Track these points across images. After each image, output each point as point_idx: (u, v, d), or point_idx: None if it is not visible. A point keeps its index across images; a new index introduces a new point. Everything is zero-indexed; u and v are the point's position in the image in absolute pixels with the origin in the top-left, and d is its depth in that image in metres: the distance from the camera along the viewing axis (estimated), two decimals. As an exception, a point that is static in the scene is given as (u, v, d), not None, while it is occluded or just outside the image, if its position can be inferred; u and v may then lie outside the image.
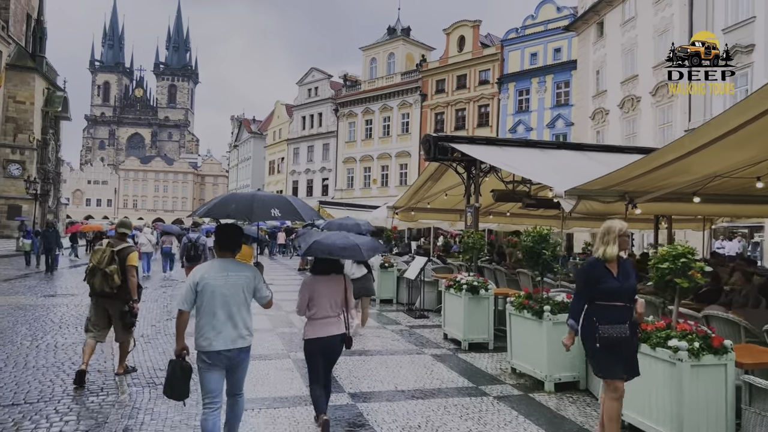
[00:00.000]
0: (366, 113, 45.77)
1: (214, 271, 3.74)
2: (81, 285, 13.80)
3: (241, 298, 3.78)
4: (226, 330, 3.70)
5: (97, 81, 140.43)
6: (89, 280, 5.72)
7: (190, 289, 3.67)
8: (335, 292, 4.59)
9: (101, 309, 5.80)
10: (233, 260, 3.88)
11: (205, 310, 3.70)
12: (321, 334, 4.52)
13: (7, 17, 40.77)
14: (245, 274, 3.83)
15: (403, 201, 13.58)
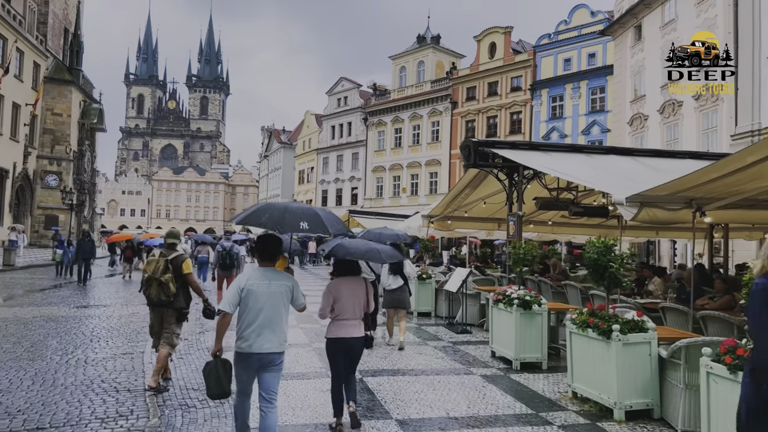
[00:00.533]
0: (395, 122, 45.46)
1: (258, 279, 3.99)
2: (113, 295, 13.65)
3: (280, 306, 4.02)
4: (264, 334, 3.92)
5: (132, 94, 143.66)
6: (145, 290, 5.88)
7: (236, 293, 3.92)
8: (358, 295, 4.87)
9: (159, 317, 5.98)
10: (274, 269, 4.11)
11: (247, 314, 3.94)
12: (342, 335, 4.78)
13: (45, 32, 41.77)
14: (285, 282, 4.08)
15: (438, 209, 13.09)
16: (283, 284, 4.05)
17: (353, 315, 4.83)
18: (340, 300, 4.81)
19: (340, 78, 51.88)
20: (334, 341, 4.82)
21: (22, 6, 37.35)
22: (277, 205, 4.63)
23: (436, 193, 41.67)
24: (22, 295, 13.40)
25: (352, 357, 4.87)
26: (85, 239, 17.22)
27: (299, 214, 4.38)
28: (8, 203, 37.51)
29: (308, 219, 4.37)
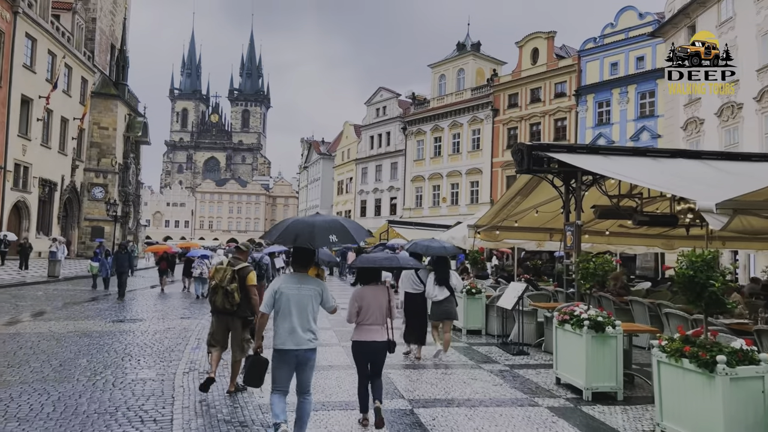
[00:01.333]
0: (435, 130, 44.77)
1: (290, 283, 4.45)
2: (150, 309, 13.33)
3: (310, 307, 4.42)
4: (297, 332, 4.33)
5: (176, 108, 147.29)
6: (211, 297, 6.13)
7: (272, 296, 4.37)
8: (381, 301, 5.23)
9: (222, 325, 6.19)
10: (305, 275, 4.57)
11: (280, 314, 4.37)
12: (365, 339, 5.16)
13: (92, 48, 42.86)
14: (314, 287, 4.51)
15: (486, 219, 12.33)
16: (313, 288, 4.49)
17: (376, 320, 5.20)
18: (364, 306, 5.20)
19: (378, 88, 51.59)
20: (358, 344, 5.23)
21: (71, 23, 38.37)
22: (305, 221, 4.78)
23: (477, 202, 40.71)
24: (61, 307, 13.23)
25: (375, 360, 5.23)
26: (122, 251, 16.40)
27: (327, 229, 4.62)
28: (56, 215, 38.40)
29: (336, 232, 4.63)
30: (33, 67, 33.18)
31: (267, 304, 4.39)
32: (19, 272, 21.80)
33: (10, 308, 12.58)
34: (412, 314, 8.30)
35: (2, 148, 30.54)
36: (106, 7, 45.12)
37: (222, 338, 6.21)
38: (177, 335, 9.38)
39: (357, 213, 53.93)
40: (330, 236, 4.55)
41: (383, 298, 5.28)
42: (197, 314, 12.52)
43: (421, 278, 8.34)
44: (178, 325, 10.58)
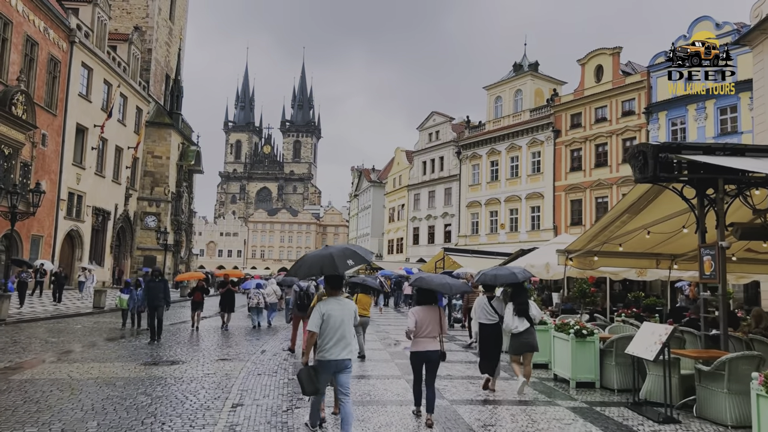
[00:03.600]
0: (491, 154, 42.80)
1: (333, 305, 5.33)
2: (187, 347, 11.83)
3: (350, 324, 5.35)
4: (339, 346, 5.24)
5: (230, 140, 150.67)
6: None
7: (320, 317, 5.23)
8: (434, 318, 6.38)
9: None
10: (341, 297, 5.49)
11: (327, 332, 5.24)
12: (421, 349, 6.29)
13: (148, 78, 43.34)
14: (350, 307, 5.46)
15: (580, 243, 10.34)
16: (350, 308, 5.41)
17: (430, 334, 6.22)
18: (420, 322, 6.19)
19: (431, 112, 50.24)
20: (415, 354, 6.27)
21: (127, 53, 38.81)
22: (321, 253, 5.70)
23: (539, 229, 38.30)
24: (92, 345, 11.93)
25: (429, 367, 6.22)
26: (155, 279, 12.97)
27: (342, 256, 5.50)
28: (109, 244, 38.32)
29: (350, 256, 5.55)
30: (89, 96, 33.39)
31: (316, 324, 5.19)
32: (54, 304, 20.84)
33: (38, 346, 11.36)
34: (487, 345, 8.10)
35: (56, 177, 30.52)
36: (161, 38, 45.78)
37: None
38: (216, 385, 7.78)
39: (409, 240, 52.16)
40: (348, 261, 5.54)
41: (436, 315, 6.36)
42: (242, 354, 10.95)
43: (495, 308, 8.12)
44: (219, 370, 9.01)
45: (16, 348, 10.68)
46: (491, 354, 8.01)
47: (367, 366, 9.78)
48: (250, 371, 8.86)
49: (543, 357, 9.69)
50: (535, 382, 8.64)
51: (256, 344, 12.76)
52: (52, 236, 30.40)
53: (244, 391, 7.35)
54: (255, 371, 8.83)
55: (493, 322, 8.06)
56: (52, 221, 30.37)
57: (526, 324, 7.89)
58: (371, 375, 9.05)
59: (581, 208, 36.12)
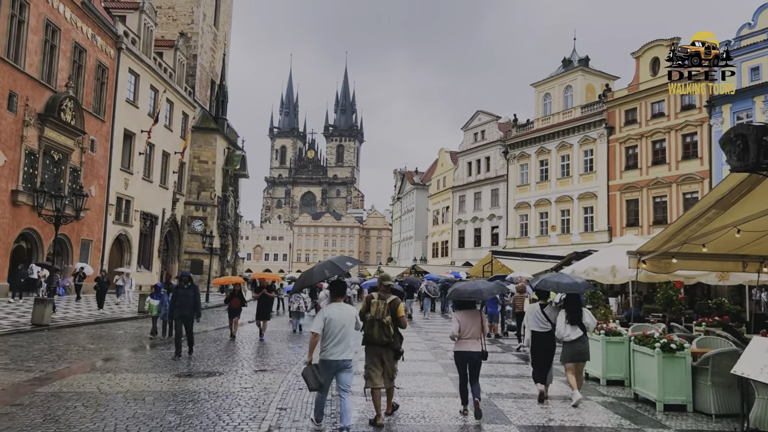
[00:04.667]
0: (540, 153, 41.25)
1: (334, 310, 5.89)
2: (224, 357, 11.19)
3: (349, 328, 5.83)
4: (340, 347, 5.76)
5: (276, 146, 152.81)
6: (368, 330, 6.33)
7: (322, 320, 5.78)
8: (475, 322, 6.93)
9: (378, 357, 6.41)
10: (343, 303, 6.07)
11: (327, 334, 5.77)
12: (464, 349, 6.85)
13: (193, 83, 43.76)
14: (351, 312, 5.98)
15: (656, 243, 9.19)
16: (351, 313, 5.96)
17: (473, 335, 6.88)
18: (462, 325, 6.89)
19: (476, 111, 49.00)
20: (459, 353, 6.94)
21: (173, 59, 39.21)
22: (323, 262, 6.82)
23: (593, 230, 36.59)
24: (129, 353, 11.48)
25: (472, 365, 6.86)
26: (184, 285, 11.06)
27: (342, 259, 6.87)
28: (157, 248, 38.74)
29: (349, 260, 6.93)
30: (136, 101, 33.78)
31: (318, 327, 5.75)
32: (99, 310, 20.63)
33: (74, 353, 10.97)
34: (539, 354, 7.93)
35: (105, 182, 30.90)
36: (206, 43, 46.21)
37: (378, 370, 6.40)
38: (253, 402, 7.08)
39: (455, 243, 50.98)
40: (347, 263, 6.76)
41: (477, 319, 6.91)
42: (283, 364, 10.26)
43: (548, 316, 7.93)
44: (258, 384, 8.32)
45: (51, 356, 10.32)
46: (544, 363, 7.86)
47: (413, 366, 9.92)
48: (290, 385, 8.14)
49: (618, 372, 8.65)
50: (613, 403, 7.61)
51: (298, 352, 12.08)
52: (101, 241, 30.78)
53: (283, 410, 6.62)
54: (296, 384, 8.10)
55: (546, 330, 7.89)
56: (101, 226, 30.75)
57: (579, 332, 7.72)
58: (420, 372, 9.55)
59: (638, 209, 34.26)
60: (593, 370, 9.13)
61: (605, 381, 8.84)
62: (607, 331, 8.86)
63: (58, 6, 25.65)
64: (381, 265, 71.92)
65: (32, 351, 10.78)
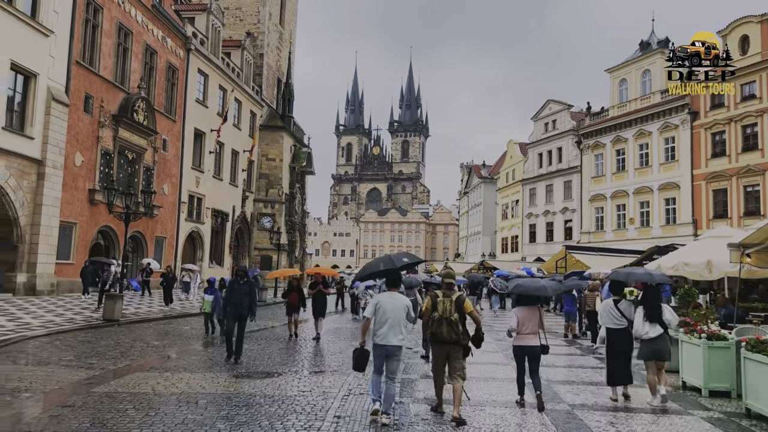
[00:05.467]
0: (616, 142, 39.03)
1: (386, 298, 6.28)
2: (292, 356, 10.82)
3: (399, 315, 6.16)
4: (390, 333, 6.09)
5: (342, 143, 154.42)
6: (436, 328, 6.34)
7: (373, 307, 6.20)
8: (534, 317, 7.15)
9: (443, 354, 6.42)
10: (396, 293, 6.42)
11: (378, 320, 6.16)
12: (523, 344, 7.08)
13: (260, 82, 44.38)
14: (403, 302, 6.29)
15: (763, 234, 8.00)
16: (402, 302, 6.27)
17: (531, 330, 7.08)
18: (521, 320, 7.09)
19: (547, 101, 47.07)
20: (518, 348, 7.16)
21: (240, 59, 39.85)
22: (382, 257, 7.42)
23: (675, 223, 34.22)
24: (192, 350, 11.32)
25: (531, 359, 7.05)
26: (240, 280, 10.11)
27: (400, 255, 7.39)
28: (228, 245, 39.55)
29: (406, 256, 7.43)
30: (205, 101, 34.50)
31: (370, 312, 6.24)
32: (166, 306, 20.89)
33: (138, 350, 10.91)
34: (614, 352, 7.62)
35: (177, 180, 31.71)
36: (272, 42, 46.77)
37: (443, 366, 6.47)
38: (310, 408, 6.56)
39: (525, 238, 49.30)
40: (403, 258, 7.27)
41: (535, 315, 7.20)
42: (345, 365, 9.74)
43: (622, 312, 7.61)
44: (317, 387, 7.81)
45: (115, 353, 10.28)
46: (619, 362, 7.52)
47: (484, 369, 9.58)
48: (351, 389, 7.59)
49: (723, 382, 7.59)
50: (722, 420, 6.56)
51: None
52: (175, 237, 31.63)
53: (341, 418, 6.06)
54: (357, 389, 7.55)
55: (621, 327, 7.54)
56: (174, 223, 31.60)
57: (659, 330, 7.35)
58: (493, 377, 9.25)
59: (726, 199, 31.67)
60: (693, 379, 8.08)
61: (707, 392, 7.78)
62: (709, 335, 7.77)
63: (130, 10, 26.41)
64: (448, 261, 70.81)
65: (98, 347, 10.82)
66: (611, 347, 7.63)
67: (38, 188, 20.58)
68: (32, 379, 7.67)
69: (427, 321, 6.51)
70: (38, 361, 9.06)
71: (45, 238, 20.66)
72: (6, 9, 18.75)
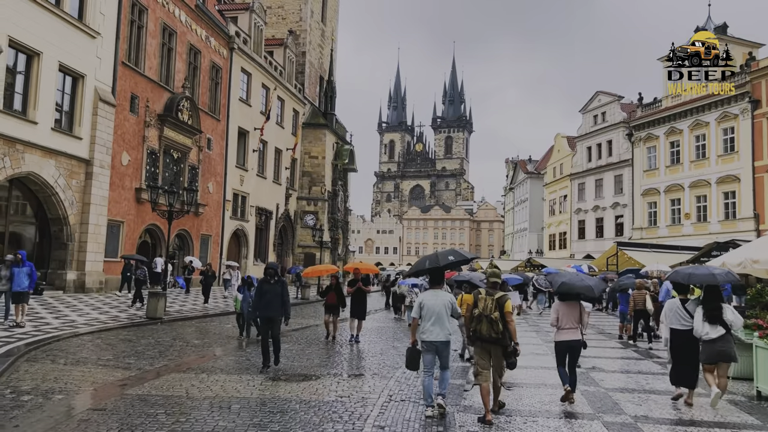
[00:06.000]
0: (670, 134, 37.26)
1: (429, 296, 6.56)
2: (331, 357, 10.46)
3: (443, 312, 6.42)
4: (436, 329, 6.38)
5: (384, 140, 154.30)
6: (476, 326, 6.36)
7: (419, 306, 6.51)
8: (574, 313, 7.27)
9: (486, 353, 6.42)
10: (439, 290, 6.69)
11: (424, 318, 6.44)
12: (563, 339, 7.23)
13: (303, 80, 44.47)
14: (446, 298, 6.55)
15: None
16: (445, 299, 6.52)
17: (571, 326, 7.22)
18: (561, 316, 7.26)
19: (596, 92, 45.45)
20: (559, 342, 7.30)
21: (282, 57, 39.97)
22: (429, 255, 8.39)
23: (735, 218, 32.40)
24: (231, 349, 11.15)
25: (571, 353, 7.21)
26: (270, 280, 8.96)
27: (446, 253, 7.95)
28: (272, 243, 39.78)
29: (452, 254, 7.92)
30: (248, 100, 34.72)
31: (416, 312, 6.51)
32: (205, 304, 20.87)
33: (177, 349, 10.75)
34: (679, 354, 7.41)
35: (222, 179, 32.00)
36: (314, 40, 46.79)
37: (486, 366, 6.42)
38: (349, 414, 6.17)
39: (574, 235, 47.81)
40: (449, 257, 7.78)
41: (576, 310, 7.29)
42: (386, 368, 9.30)
43: (690, 312, 7.39)
44: (356, 392, 7.41)
45: (153, 352, 10.15)
46: (686, 365, 7.30)
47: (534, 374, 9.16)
48: (392, 394, 7.15)
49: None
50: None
51: (402, 352, 11.08)
52: (220, 235, 31.94)
53: (381, 429, 5.62)
54: (398, 394, 7.11)
55: (688, 328, 7.32)
56: (219, 221, 31.90)
57: (721, 330, 7.11)
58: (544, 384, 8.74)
59: (793, 192, 29.76)
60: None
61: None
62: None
63: (174, 10, 26.70)
64: (493, 258, 69.61)
65: (138, 346, 10.73)
66: (678, 349, 7.39)
67: (86, 187, 20.98)
68: (68, 380, 7.55)
69: (467, 318, 6.58)
70: (77, 360, 8.98)
71: (93, 237, 21.05)
72: (54, 11, 19.13)
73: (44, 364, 8.54)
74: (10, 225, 19.48)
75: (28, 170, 18.49)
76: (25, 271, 12.08)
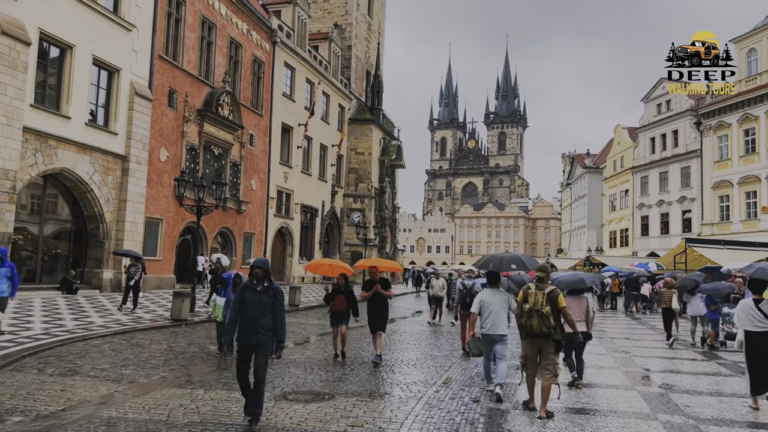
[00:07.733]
0: (744, 121, 34.12)
1: (488, 295, 7.39)
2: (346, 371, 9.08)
3: (501, 309, 7.27)
4: (494, 324, 7.22)
5: (436, 138, 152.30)
6: (526, 321, 6.37)
7: (479, 303, 7.34)
8: (580, 306, 8.05)
9: (535, 348, 6.40)
10: (497, 289, 7.52)
11: (484, 314, 7.27)
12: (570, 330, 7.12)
13: (348, 75, 43.49)
14: (503, 297, 7.42)
15: None
16: (503, 297, 7.38)
17: (578, 318, 7.83)
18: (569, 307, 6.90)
19: (659, 80, 42.34)
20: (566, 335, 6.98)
21: (327, 51, 39.08)
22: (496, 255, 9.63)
23: (823, 212, 29.14)
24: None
25: (577, 344, 7.75)
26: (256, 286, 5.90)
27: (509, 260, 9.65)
28: (318, 240, 38.98)
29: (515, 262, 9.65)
30: (292, 95, 33.95)
31: (476, 308, 7.38)
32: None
33: (185, 358, 9.58)
34: (758, 358, 6.84)
35: (265, 176, 31.34)
36: (360, 33, 45.74)
37: (534, 361, 6.39)
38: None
39: (636, 231, 44.87)
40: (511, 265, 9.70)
41: (582, 304, 8.09)
42: (415, 382, 7.90)
43: (765, 312, 6.86)
44: (375, 417, 6.00)
45: (158, 360, 9.07)
46: (764, 369, 6.86)
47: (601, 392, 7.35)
48: (421, 421, 5.78)
49: None
50: None
51: (440, 363, 9.65)
52: (263, 233, 31.30)
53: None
54: (428, 422, 5.73)
55: (764, 330, 6.93)
56: (263, 219, 31.26)
57: None
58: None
59: None
60: None
61: None
62: None
63: (214, 2, 26.11)
64: (549, 257, 66.79)
65: (145, 352, 9.72)
66: (754, 353, 6.96)
67: (123, 184, 20.53)
68: (42, 396, 6.51)
69: (518, 313, 6.54)
70: (67, 370, 8.01)
71: (130, 234, 20.59)
72: (87, 3, 18.69)
73: (29, 374, 7.60)
74: (46, 223, 19.19)
75: (62, 166, 18.11)
76: (4, 273, 9.88)
